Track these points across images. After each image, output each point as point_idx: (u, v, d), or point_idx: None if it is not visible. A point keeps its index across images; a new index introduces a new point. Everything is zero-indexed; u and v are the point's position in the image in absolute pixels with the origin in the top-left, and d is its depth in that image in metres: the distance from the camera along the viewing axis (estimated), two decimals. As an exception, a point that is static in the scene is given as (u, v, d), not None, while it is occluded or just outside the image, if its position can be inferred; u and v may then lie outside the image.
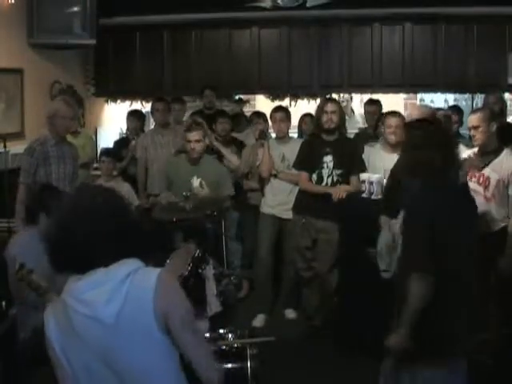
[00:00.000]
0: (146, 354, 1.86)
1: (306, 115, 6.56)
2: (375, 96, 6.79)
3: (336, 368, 4.43)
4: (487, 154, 4.27)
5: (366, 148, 5.17)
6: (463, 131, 5.92)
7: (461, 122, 5.79)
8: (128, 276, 1.86)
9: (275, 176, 5.37)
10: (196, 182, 5.03)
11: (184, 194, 4.43)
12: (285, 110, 5.55)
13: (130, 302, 1.84)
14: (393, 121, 4.94)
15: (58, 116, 4.80)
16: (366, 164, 5.00)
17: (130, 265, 1.89)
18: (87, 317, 1.84)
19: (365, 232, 4.60)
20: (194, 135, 5.00)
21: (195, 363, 1.93)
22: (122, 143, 6.69)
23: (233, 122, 6.24)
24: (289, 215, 5.25)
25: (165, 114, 6.35)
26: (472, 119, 4.29)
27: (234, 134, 6.29)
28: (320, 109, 5.02)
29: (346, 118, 5.51)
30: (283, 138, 5.44)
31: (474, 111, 4.49)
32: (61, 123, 4.81)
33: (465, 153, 4.51)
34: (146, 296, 1.85)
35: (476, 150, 4.38)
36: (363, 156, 5.05)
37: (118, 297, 1.84)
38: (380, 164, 5.00)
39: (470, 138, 4.71)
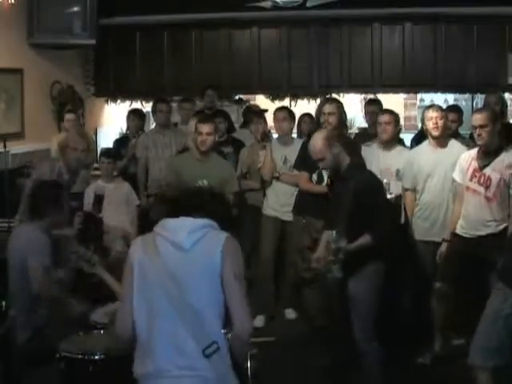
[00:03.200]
0: (205, 286, 2.34)
1: (305, 115, 6.55)
2: (373, 96, 6.79)
3: (336, 368, 4.42)
4: (488, 154, 4.27)
5: (363, 148, 5.17)
6: (463, 131, 5.91)
7: (460, 122, 5.78)
8: (208, 226, 2.43)
9: (277, 178, 5.36)
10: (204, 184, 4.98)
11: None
12: (287, 110, 5.55)
13: (205, 241, 2.39)
14: (382, 118, 4.99)
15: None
16: None
17: (211, 222, 2.46)
18: (169, 240, 2.39)
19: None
20: (206, 127, 4.96)
21: (235, 311, 2.35)
22: (122, 142, 6.68)
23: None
24: (291, 217, 5.25)
25: (167, 115, 6.37)
26: (478, 118, 4.24)
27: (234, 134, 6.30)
28: (319, 109, 5.03)
29: None
30: (285, 138, 5.43)
31: (479, 110, 4.43)
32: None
33: (465, 153, 4.51)
34: (218, 244, 2.38)
35: (476, 150, 4.38)
36: (360, 155, 5.06)
37: (196, 234, 2.39)
38: (376, 163, 5.01)
39: (471, 137, 4.71)
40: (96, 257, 3.58)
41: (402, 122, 6.35)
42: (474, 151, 4.38)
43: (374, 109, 6.01)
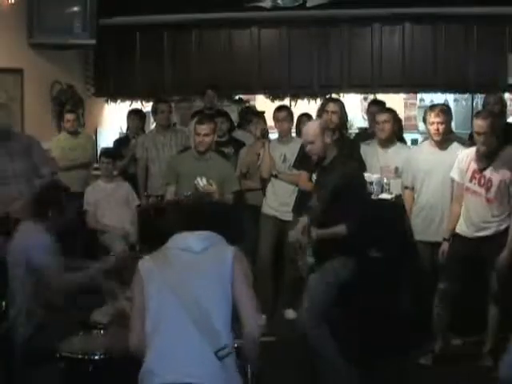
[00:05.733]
0: (216, 289, 2.39)
1: (304, 115, 6.55)
2: (373, 96, 6.78)
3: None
4: (487, 156, 4.26)
5: (362, 146, 5.19)
6: (463, 131, 5.92)
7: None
8: (215, 237, 2.52)
9: (276, 177, 5.37)
10: (203, 181, 4.97)
11: (185, 193, 4.42)
12: (287, 110, 5.55)
13: (214, 250, 2.48)
14: (380, 117, 5.03)
15: None
16: None
17: (219, 236, 2.55)
18: (180, 249, 2.47)
19: (365, 232, 4.62)
20: (204, 128, 4.96)
21: (243, 312, 2.39)
22: (122, 142, 6.69)
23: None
24: (290, 217, 5.23)
25: (168, 115, 6.38)
26: (481, 126, 4.18)
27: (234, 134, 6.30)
28: (321, 108, 5.04)
29: None
30: (285, 137, 5.44)
31: (481, 117, 4.26)
32: None
33: (462, 152, 4.50)
34: (228, 252, 2.47)
35: (474, 149, 4.37)
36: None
37: (207, 241, 2.48)
38: (376, 162, 5.03)
39: (470, 137, 4.70)
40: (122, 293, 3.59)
41: (401, 122, 6.36)
42: (472, 151, 4.35)
43: (376, 110, 6.00)
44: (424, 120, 4.80)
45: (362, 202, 4.04)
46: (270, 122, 5.88)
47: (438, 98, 7.64)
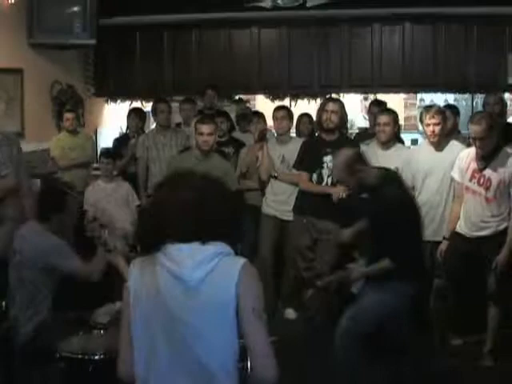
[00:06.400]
0: (215, 328, 1.98)
1: (304, 115, 6.55)
2: (373, 96, 6.77)
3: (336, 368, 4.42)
4: (487, 156, 4.26)
5: (362, 147, 5.19)
6: (463, 131, 5.91)
7: (457, 119, 5.76)
8: (219, 254, 2.01)
9: (275, 177, 5.37)
10: None
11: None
12: (286, 109, 5.56)
13: (216, 275, 1.98)
14: (381, 119, 5.00)
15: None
16: None
17: (223, 247, 2.04)
18: (173, 274, 1.98)
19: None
20: (207, 127, 4.98)
21: (254, 348, 1.99)
22: (121, 141, 6.69)
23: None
24: (290, 216, 5.25)
25: (168, 115, 6.38)
26: (477, 131, 4.16)
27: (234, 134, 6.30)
28: (321, 108, 5.03)
29: None
30: (283, 137, 5.44)
31: (476, 121, 4.22)
32: None
33: (463, 151, 4.51)
34: (231, 277, 1.99)
35: (474, 149, 4.37)
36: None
37: (205, 267, 1.98)
38: (375, 162, 5.01)
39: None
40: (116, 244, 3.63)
41: (401, 122, 6.36)
42: (473, 151, 4.36)
43: (378, 111, 5.99)
44: (421, 120, 4.81)
45: (411, 227, 3.76)
46: (269, 121, 5.87)
47: (438, 98, 7.65)
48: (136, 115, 6.75)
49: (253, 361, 2.01)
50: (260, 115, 6.21)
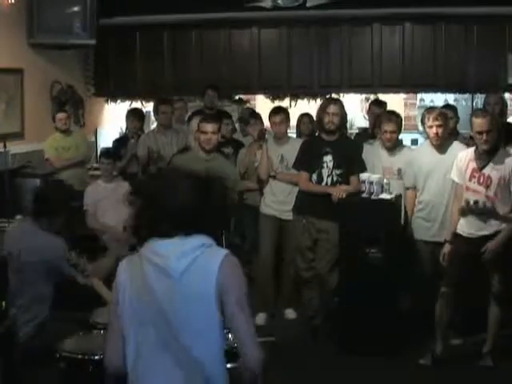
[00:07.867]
0: (199, 317, 2.05)
1: (304, 115, 6.55)
2: (373, 96, 6.77)
3: (336, 368, 4.42)
4: (486, 154, 4.26)
5: (365, 146, 5.19)
6: (463, 131, 5.90)
7: (456, 119, 5.76)
8: (201, 246, 2.09)
9: (274, 177, 5.36)
10: None
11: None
12: (284, 112, 5.53)
13: (197, 266, 2.06)
14: (389, 126, 4.99)
15: None
16: (365, 162, 5.01)
17: (205, 239, 2.12)
18: (158, 267, 2.06)
19: (365, 232, 4.62)
20: (211, 126, 4.96)
21: (241, 339, 2.07)
22: (121, 142, 6.68)
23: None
24: (289, 216, 5.24)
25: (170, 115, 6.40)
26: (483, 124, 4.16)
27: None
28: (322, 109, 5.01)
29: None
30: (281, 138, 5.43)
31: (481, 115, 4.25)
32: None
33: (461, 153, 4.50)
34: (212, 267, 2.06)
35: (472, 149, 4.37)
36: (362, 154, 5.06)
37: (188, 258, 2.05)
38: (378, 162, 5.03)
39: (471, 137, 4.69)
40: (89, 266, 3.64)
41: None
42: (471, 151, 4.36)
43: (378, 111, 5.99)
44: (422, 122, 4.80)
45: None
46: (267, 121, 5.86)
47: (438, 98, 7.65)
48: (134, 116, 6.74)
49: (239, 349, 2.08)
50: (257, 116, 6.21)
